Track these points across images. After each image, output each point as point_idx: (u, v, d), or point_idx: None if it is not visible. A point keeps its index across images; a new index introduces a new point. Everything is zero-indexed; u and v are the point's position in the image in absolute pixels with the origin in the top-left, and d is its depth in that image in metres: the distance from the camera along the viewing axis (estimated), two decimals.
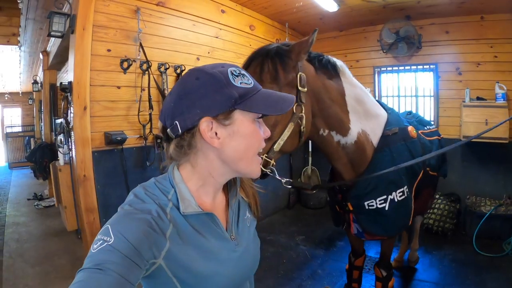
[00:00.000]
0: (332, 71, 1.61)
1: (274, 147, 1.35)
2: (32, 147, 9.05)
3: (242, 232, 0.83)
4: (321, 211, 4.73)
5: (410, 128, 1.92)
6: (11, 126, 11.96)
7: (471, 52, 4.00)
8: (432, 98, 4.42)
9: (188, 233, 0.71)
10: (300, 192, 4.93)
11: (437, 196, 3.97)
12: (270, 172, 1.34)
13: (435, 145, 2.19)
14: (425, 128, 2.27)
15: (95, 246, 0.60)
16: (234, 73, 0.71)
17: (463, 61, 4.06)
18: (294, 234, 3.93)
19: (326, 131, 1.62)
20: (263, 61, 1.37)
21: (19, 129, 11.82)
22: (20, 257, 3.56)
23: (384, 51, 4.49)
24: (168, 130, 0.72)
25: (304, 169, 4.96)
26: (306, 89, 1.42)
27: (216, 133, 0.70)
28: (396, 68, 4.63)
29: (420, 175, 1.91)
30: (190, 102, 0.69)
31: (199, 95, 0.69)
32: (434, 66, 4.27)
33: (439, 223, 3.75)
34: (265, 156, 1.33)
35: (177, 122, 0.70)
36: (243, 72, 0.74)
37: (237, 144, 0.71)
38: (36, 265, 3.35)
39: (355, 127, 1.68)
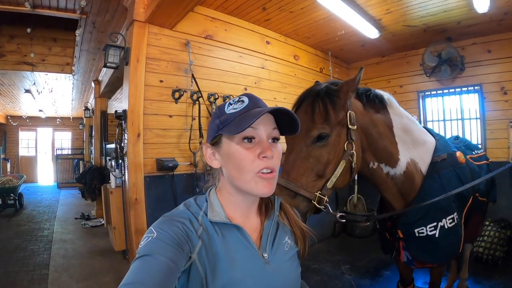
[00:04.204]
0: (379, 105, 1.64)
1: (327, 184, 1.39)
2: (80, 170, 9.57)
3: (276, 253, 0.85)
4: (367, 240, 4.59)
5: (458, 153, 1.90)
6: (61, 149, 12.79)
7: None
8: (478, 120, 4.25)
9: (215, 239, 0.78)
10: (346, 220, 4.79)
11: (486, 223, 3.75)
12: (324, 208, 1.38)
13: (483, 170, 2.13)
14: (473, 152, 2.22)
15: (142, 243, 0.70)
16: (232, 102, 0.82)
17: (508, 79, 3.90)
18: (340, 263, 3.82)
19: (376, 164, 1.63)
20: (313, 102, 1.42)
21: (69, 151, 12.61)
22: (65, 272, 3.69)
23: (427, 75, 4.41)
24: None
25: (350, 197, 4.85)
26: (356, 126, 1.45)
27: (215, 156, 0.83)
28: (440, 91, 4.51)
29: (470, 201, 1.86)
30: None
31: (208, 126, 0.87)
32: (479, 87, 4.13)
33: (489, 251, 3.53)
34: (319, 193, 1.37)
35: None
36: (243, 98, 0.81)
37: (228, 164, 0.80)
38: (80, 281, 3.44)
39: (404, 157, 1.68)
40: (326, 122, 1.39)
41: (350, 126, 1.43)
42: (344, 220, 1.46)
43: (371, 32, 3.74)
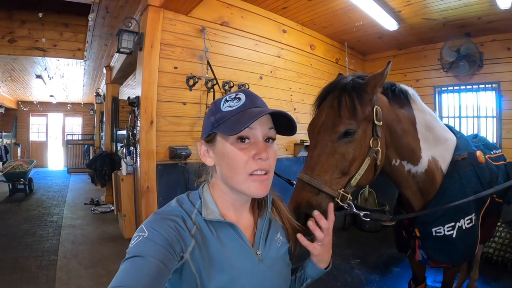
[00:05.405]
0: (404, 100, 1.59)
1: (351, 181, 1.35)
2: (90, 155, 9.62)
3: (269, 250, 0.85)
4: (377, 234, 4.55)
5: (478, 153, 1.86)
6: (71, 134, 12.91)
7: None
8: (495, 118, 4.17)
9: (210, 237, 0.76)
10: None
11: (498, 224, 3.65)
12: (347, 206, 1.34)
13: (501, 170, 2.09)
14: (491, 152, 2.16)
15: (132, 242, 0.69)
16: (228, 98, 0.79)
17: None
18: (350, 257, 3.79)
19: (398, 161, 1.59)
20: (340, 95, 1.37)
21: (79, 137, 12.72)
22: (74, 258, 3.68)
23: (445, 70, 4.31)
24: None
25: (361, 191, 4.80)
26: (381, 122, 1.41)
27: (209, 153, 0.82)
28: (457, 87, 4.41)
29: (487, 202, 1.82)
30: None
31: (204, 122, 0.85)
32: (497, 85, 4.05)
33: (499, 253, 3.49)
34: (342, 191, 1.33)
35: None
36: (240, 95, 0.79)
37: (222, 163, 0.78)
38: (89, 267, 3.44)
39: (426, 155, 1.64)
40: (353, 117, 1.34)
41: (376, 122, 1.38)
42: (368, 219, 1.41)
43: (389, 24, 3.65)
